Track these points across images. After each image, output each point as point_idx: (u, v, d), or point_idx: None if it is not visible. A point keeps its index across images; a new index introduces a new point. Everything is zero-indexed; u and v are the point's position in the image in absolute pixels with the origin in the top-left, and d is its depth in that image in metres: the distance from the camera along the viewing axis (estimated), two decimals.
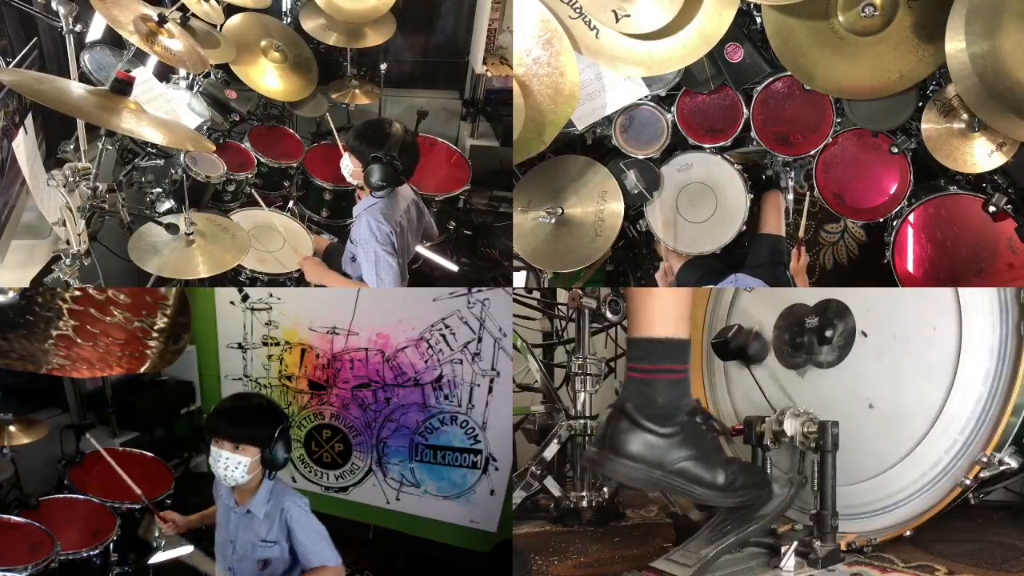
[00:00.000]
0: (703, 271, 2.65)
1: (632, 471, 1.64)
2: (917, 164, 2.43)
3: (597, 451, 1.69)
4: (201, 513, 2.36)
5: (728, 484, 1.69)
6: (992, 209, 2.33)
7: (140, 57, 2.87)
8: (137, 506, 2.72)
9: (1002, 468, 1.76)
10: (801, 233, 2.58)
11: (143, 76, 2.76)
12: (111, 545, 2.55)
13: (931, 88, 2.34)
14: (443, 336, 3.19)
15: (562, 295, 3.10)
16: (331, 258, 3.00)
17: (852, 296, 2.03)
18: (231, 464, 1.91)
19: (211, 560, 2.20)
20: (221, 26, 3.32)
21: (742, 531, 1.72)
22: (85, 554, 2.46)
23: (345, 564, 2.04)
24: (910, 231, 2.44)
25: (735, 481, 1.71)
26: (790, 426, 1.86)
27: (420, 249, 2.98)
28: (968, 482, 1.78)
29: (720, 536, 1.73)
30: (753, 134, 2.52)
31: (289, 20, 3.87)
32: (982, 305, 1.81)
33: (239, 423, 1.93)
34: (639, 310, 1.69)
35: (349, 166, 2.62)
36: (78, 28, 2.23)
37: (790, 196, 2.77)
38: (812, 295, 2.12)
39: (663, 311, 1.67)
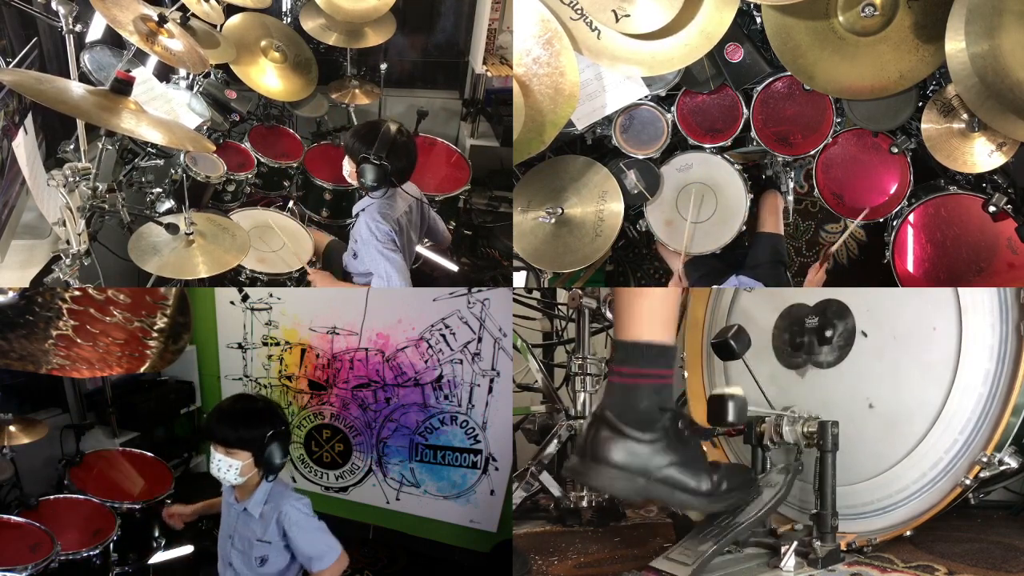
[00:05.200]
0: (703, 271, 2.66)
1: (615, 480, 1.60)
2: (917, 164, 2.44)
3: (579, 460, 1.65)
4: (207, 502, 2.37)
5: (713, 489, 1.66)
6: (992, 209, 2.33)
7: (140, 57, 2.87)
8: (137, 506, 2.72)
9: (1002, 468, 1.76)
10: (832, 249, 2.53)
11: (143, 76, 2.76)
12: (111, 545, 2.55)
13: (931, 88, 2.34)
14: (443, 336, 3.19)
15: (562, 295, 3.10)
16: (332, 255, 3.00)
17: (852, 296, 2.03)
18: (223, 467, 1.93)
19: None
20: (221, 26, 3.32)
21: (741, 525, 1.72)
22: (85, 554, 2.46)
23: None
24: (910, 231, 2.44)
25: (720, 485, 1.68)
26: (790, 426, 1.86)
27: (420, 249, 2.98)
28: (968, 482, 1.78)
29: (719, 531, 1.73)
30: (753, 134, 2.52)
31: (289, 20, 3.86)
32: (982, 305, 1.81)
33: (231, 427, 1.94)
34: (625, 313, 1.65)
35: (348, 166, 2.63)
36: (78, 28, 2.22)
37: (790, 196, 2.77)
38: (812, 295, 2.12)
39: (650, 315, 1.63)
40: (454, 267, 3.25)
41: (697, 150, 2.61)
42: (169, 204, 2.92)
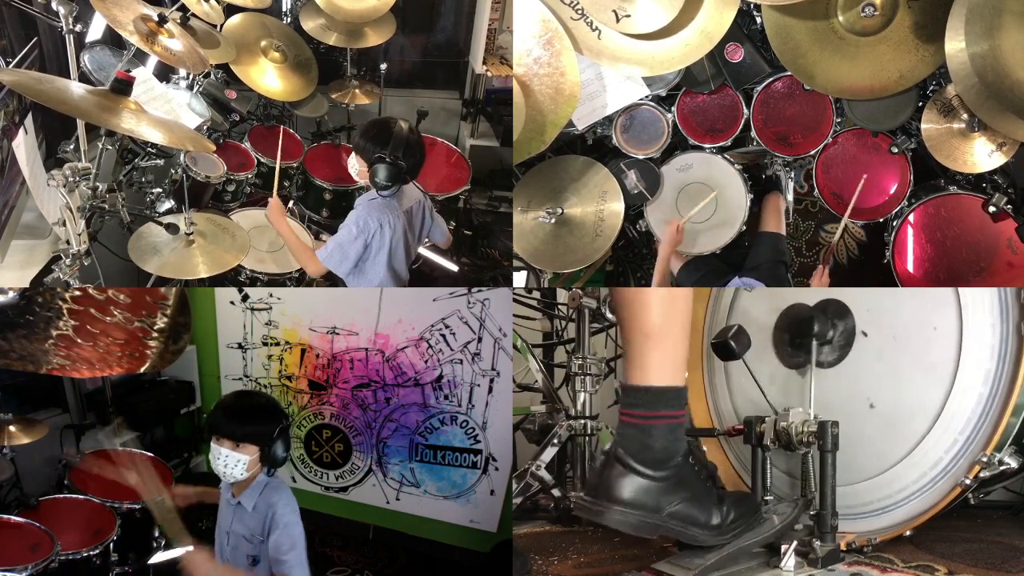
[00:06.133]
0: (703, 271, 2.66)
1: (628, 518, 1.61)
2: (917, 164, 2.44)
3: (591, 500, 1.66)
4: (205, 488, 2.37)
5: (722, 522, 1.68)
6: (992, 209, 2.33)
7: (140, 57, 2.87)
8: (137, 506, 2.72)
9: (1002, 468, 1.76)
10: (832, 248, 2.54)
11: (143, 76, 2.76)
12: (111, 545, 2.54)
13: (931, 88, 2.34)
14: (443, 336, 3.19)
15: (562, 295, 3.10)
16: None
17: (852, 296, 2.03)
18: (231, 462, 1.92)
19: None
20: (221, 26, 3.32)
21: (745, 542, 1.72)
22: (85, 554, 2.45)
23: (345, 564, 2.04)
24: (910, 231, 2.44)
25: (728, 517, 1.69)
26: (790, 426, 1.86)
27: (420, 249, 2.98)
28: (968, 482, 1.78)
29: (723, 544, 1.73)
30: (753, 134, 2.52)
31: (289, 20, 3.87)
32: (982, 305, 1.81)
33: (240, 421, 1.94)
34: (636, 358, 1.65)
35: (356, 166, 2.62)
36: (78, 28, 2.22)
37: (790, 196, 2.77)
38: (812, 295, 2.12)
39: (661, 363, 1.63)
40: (454, 267, 3.25)
41: (697, 150, 2.61)
42: (169, 204, 2.92)
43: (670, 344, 1.65)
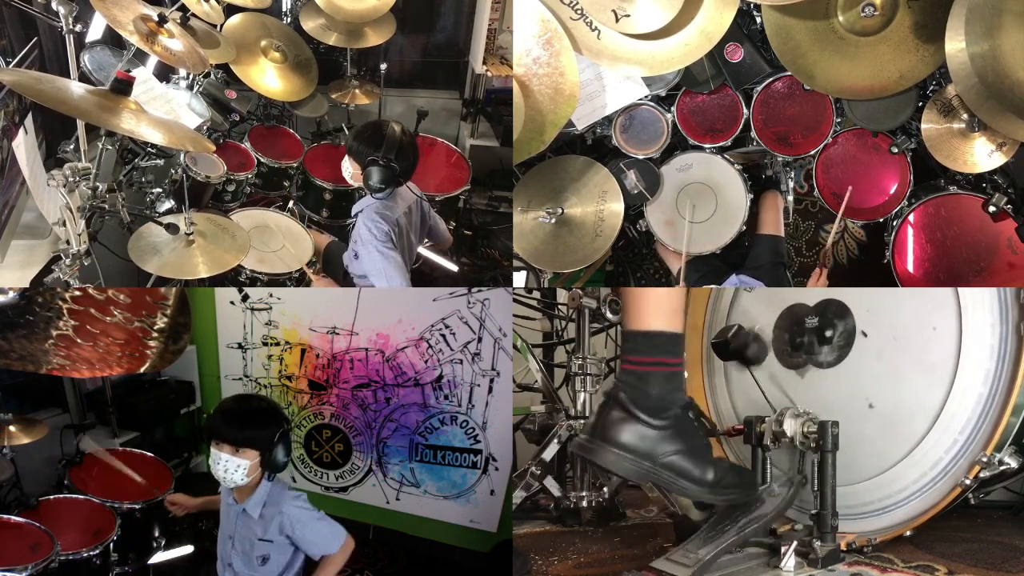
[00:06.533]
0: (703, 271, 2.66)
1: (621, 460, 1.64)
2: (917, 164, 2.44)
3: (588, 439, 1.69)
4: (207, 498, 2.37)
5: (716, 481, 1.69)
6: (992, 209, 2.33)
7: (140, 57, 2.87)
8: (137, 506, 2.72)
9: (1002, 468, 1.76)
10: (829, 252, 2.54)
11: (143, 76, 2.76)
12: (111, 545, 2.54)
13: (931, 88, 2.34)
14: (443, 336, 3.19)
15: (562, 295, 3.10)
16: (332, 256, 3.00)
17: (852, 296, 2.03)
18: (231, 467, 1.91)
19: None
20: (221, 26, 3.32)
21: (742, 531, 1.72)
22: (85, 554, 2.45)
23: (346, 563, 2.05)
24: (910, 231, 2.44)
25: (723, 479, 1.71)
26: (790, 426, 1.86)
27: (420, 249, 2.98)
28: (968, 482, 1.78)
29: (719, 536, 1.73)
30: (753, 134, 2.52)
31: (289, 20, 3.87)
32: (982, 305, 1.81)
33: (239, 426, 1.93)
34: (633, 305, 1.70)
35: (349, 169, 2.62)
36: (78, 28, 2.22)
37: (790, 196, 2.77)
38: (812, 295, 2.12)
39: (657, 305, 1.67)
40: (454, 267, 3.25)
41: (697, 150, 2.61)
42: (169, 204, 2.92)
43: (665, 291, 1.69)
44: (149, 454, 3.16)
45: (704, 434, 1.73)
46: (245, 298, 3.49)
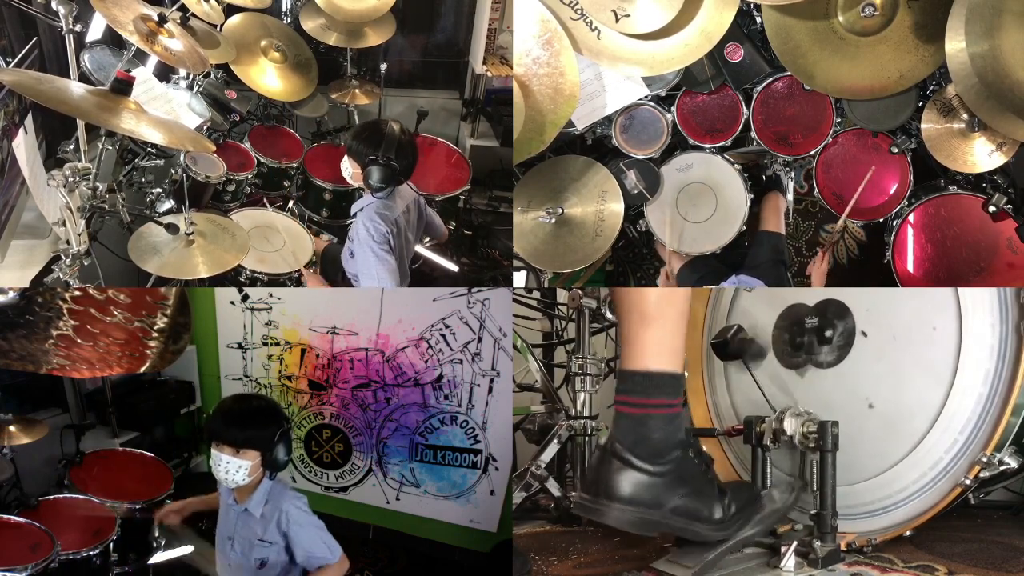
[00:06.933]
0: (703, 271, 2.66)
1: (629, 516, 1.56)
2: (917, 164, 2.44)
3: (590, 498, 1.61)
4: (203, 497, 2.36)
5: (724, 516, 1.64)
6: (992, 209, 2.33)
7: (140, 57, 2.87)
8: (137, 506, 2.72)
9: (1002, 468, 1.76)
10: (835, 237, 2.53)
11: (143, 76, 2.76)
12: (111, 545, 2.54)
13: (931, 88, 2.34)
14: (443, 336, 3.19)
15: (562, 295, 3.10)
16: (330, 258, 3.00)
17: (852, 296, 2.03)
18: (232, 468, 1.90)
19: (211, 560, 2.20)
20: (221, 26, 3.32)
21: (742, 535, 1.71)
22: (85, 554, 2.45)
23: None
24: (910, 231, 2.44)
25: (730, 510, 1.65)
26: (790, 426, 1.86)
27: (420, 249, 2.98)
28: (968, 482, 1.78)
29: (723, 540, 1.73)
30: (753, 134, 2.52)
31: (289, 20, 3.87)
32: (982, 305, 1.81)
33: (239, 427, 1.92)
34: (632, 342, 1.60)
35: (349, 169, 2.62)
36: (78, 28, 2.22)
37: (790, 196, 2.77)
38: (812, 295, 2.12)
39: (658, 344, 1.58)
40: (454, 267, 3.25)
41: (697, 150, 2.61)
42: (169, 204, 2.92)
43: (667, 327, 1.60)
44: (149, 454, 3.16)
45: (706, 470, 1.67)
46: (245, 298, 3.49)
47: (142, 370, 2.04)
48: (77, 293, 1.90)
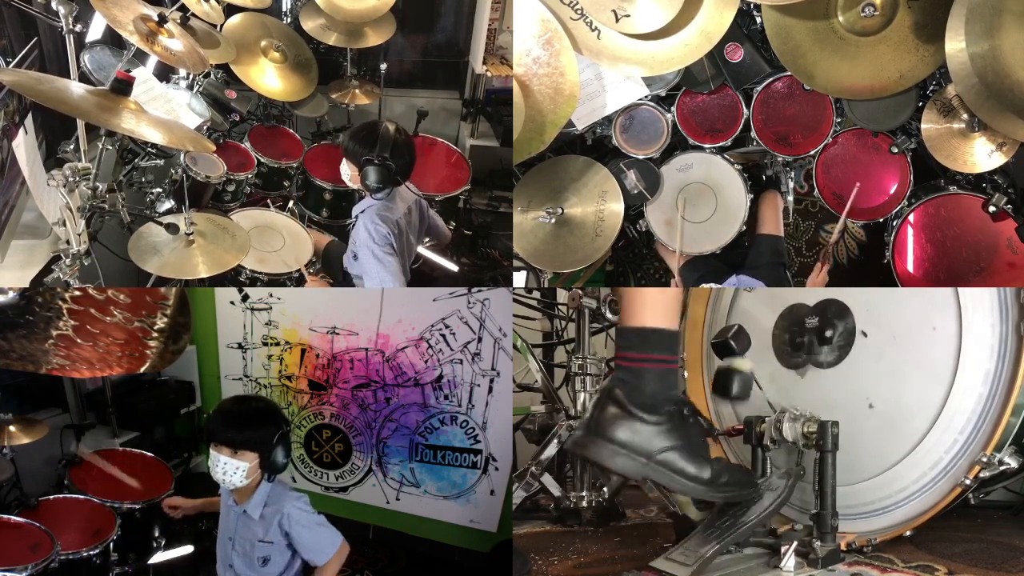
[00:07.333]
0: (703, 271, 2.66)
1: (617, 456, 1.64)
2: (917, 164, 2.44)
3: (583, 435, 1.69)
4: (206, 500, 2.37)
5: (713, 479, 1.69)
6: (992, 209, 2.33)
7: (140, 57, 2.87)
8: (137, 506, 2.72)
9: (1002, 468, 1.76)
10: (829, 250, 2.55)
11: (143, 76, 2.76)
12: (111, 545, 2.55)
13: (931, 88, 2.34)
14: (443, 336, 3.19)
15: (562, 295, 3.10)
16: (332, 256, 3.00)
17: (852, 296, 2.03)
18: (229, 469, 1.90)
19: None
20: (221, 26, 3.32)
21: (741, 527, 1.72)
22: (85, 554, 2.46)
23: (345, 564, 2.05)
24: (910, 231, 2.44)
25: (720, 476, 1.70)
26: (790, 426, 1.85)
27: (420, 249, 2.98)
28: (968, 482, 1.78)
29: (720, 533, 1.73)
30: (753, 134, 2.52)
31: (289, 20, 3.87)
32: (982, 305, 1.81)
33: (237, 428, 1.92)
34: (630, 301, 1.70)
35: (347, 171, 2.62)
36: (78, 28, 2.22)
37: (790, 196, 2.77)
38: (812, 295, 2.12)
39: (652, 303, 1.67)
40: (454, 267, 3.25)
41: (697, 150, 2.61)
42: (169, 204, 2.92)
43: (661, 291, 1.70)
44: (149, 454, 3.16)
45: (700, 431, 1.72)
46: (245, 298, 3.49)
47: (142, 370, 2.04)
48: (77, 293, 1.90)
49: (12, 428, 2.63)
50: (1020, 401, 1.75)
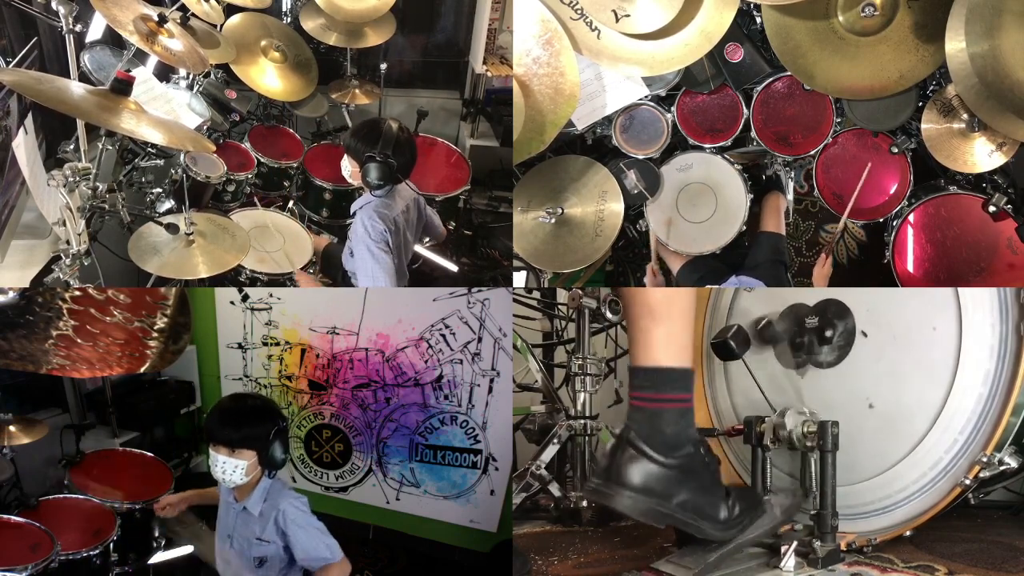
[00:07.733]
0: (703, 271, 2.66)
1: (638, 503, 1.60)
2: (917, 164, 2.44)
3: (601, 483, 1.65)
4: (200, 491, 2.37)
5: (728, 518, 1.67)
6: (992, 209, 2.33)
7: (140, 57, 2.87)
8: (137, 506, 2.72)
9: (1002, 468, 1.76)
10: (834, 245, 2.55)
11: (143, 76, 2.76)
12: (111, 545, 2.54)
13: (931, 88, 2.34)
14: (443, 336, 3.19)
15: (562, 295, 3.10)
16: (330, 258, 3.00)
17: (852, 296, 2.03)
18: (228, 468, 1.91)
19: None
20: (221, 26, 3.32)
21: (744, 538, 1.71)
22: (85, 554, 2.45)
23: None
24: (910, 231, 2.44)
25: (734, 511, 1.68)
26: (790, 426, 1.86)
27: (420, 249, 2.98)
28: (968, 482, 1.78)
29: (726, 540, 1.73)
30: (753, 134, 2.52)
31: (289, 20, 3.86)
32: (982, 305, 1.81)
33: (234, 427, 1.93)
34: (642, 339, 1.65)
35: (348, 167, 2.62)
36: (78, 28, 2.22)
37: (790, 196, 2.77)
38: (812, 295, 2.12)
39: (667, 341, 1.64)
40: (454, 267, 3.25)
41: (697, 150, 2.61)
42: (169, 204, 2.92)
43: (675, 324, 1.65)
44: (149, 454, 3.16)
45: (715, 470, 1.70)
46: (245, 298, 3.49)
47: (142, 370, 2.04)
48: (77, 293, 1.91)
49: (12, 428, 2.63)
50: (1020, 401, 1.75)
